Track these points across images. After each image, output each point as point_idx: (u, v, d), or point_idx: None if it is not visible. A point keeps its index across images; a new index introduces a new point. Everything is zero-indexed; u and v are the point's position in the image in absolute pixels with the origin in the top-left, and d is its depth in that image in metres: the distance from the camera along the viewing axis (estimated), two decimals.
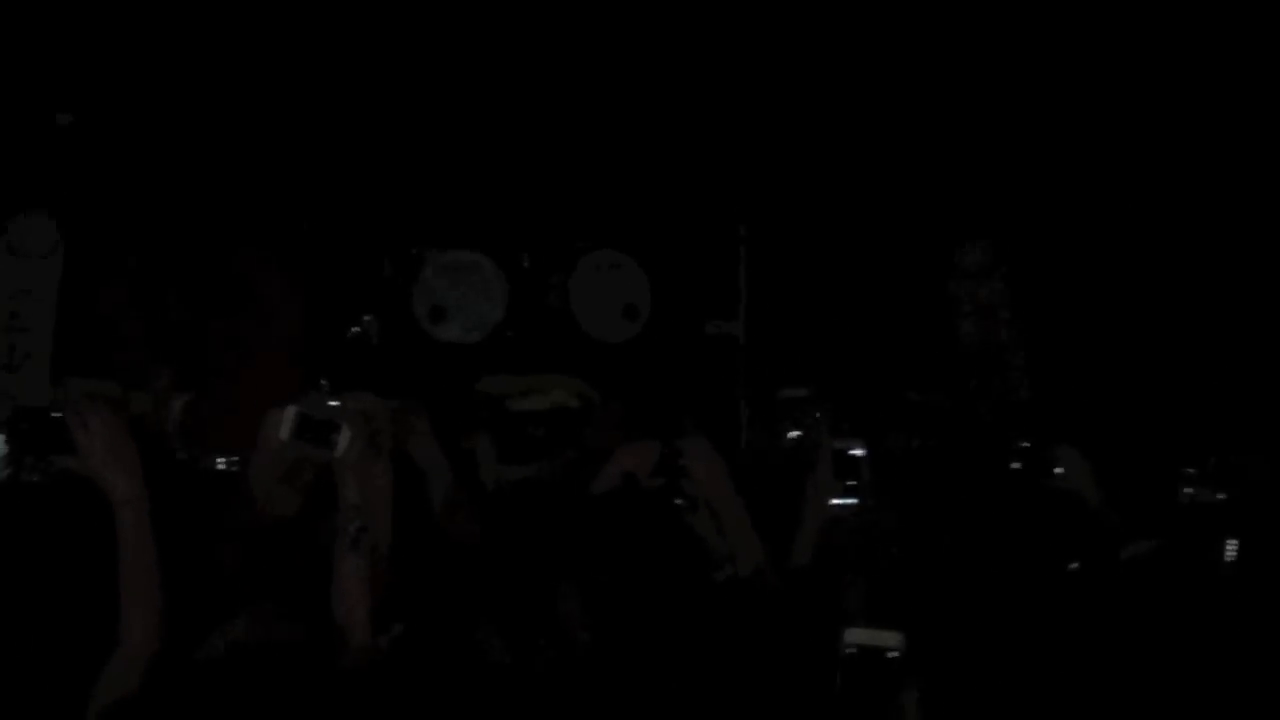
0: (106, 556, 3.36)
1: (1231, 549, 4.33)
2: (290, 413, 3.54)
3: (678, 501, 3.89)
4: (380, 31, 7.06)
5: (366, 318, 7.32)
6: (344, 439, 3.54)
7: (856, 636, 3.01)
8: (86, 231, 7.18)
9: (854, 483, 3.81)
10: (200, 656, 3.19)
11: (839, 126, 7.35)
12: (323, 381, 6.03)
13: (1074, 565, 4.20)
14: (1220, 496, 4.87)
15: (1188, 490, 5.07)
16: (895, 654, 2.96)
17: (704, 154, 7.45)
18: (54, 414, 3.23)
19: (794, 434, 5.40)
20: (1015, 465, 4.52)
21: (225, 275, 7.22)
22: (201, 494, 4.23)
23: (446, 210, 7.49)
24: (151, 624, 3.24)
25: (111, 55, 6.95)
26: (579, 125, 7.37)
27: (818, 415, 5.38)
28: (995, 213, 7.46)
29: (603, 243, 7.66)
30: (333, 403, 3.68)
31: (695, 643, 3.12)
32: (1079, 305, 7.33)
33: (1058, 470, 4.48)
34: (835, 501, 3.79)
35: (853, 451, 3.82)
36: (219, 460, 5.49)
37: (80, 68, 6.97)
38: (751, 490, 3.83)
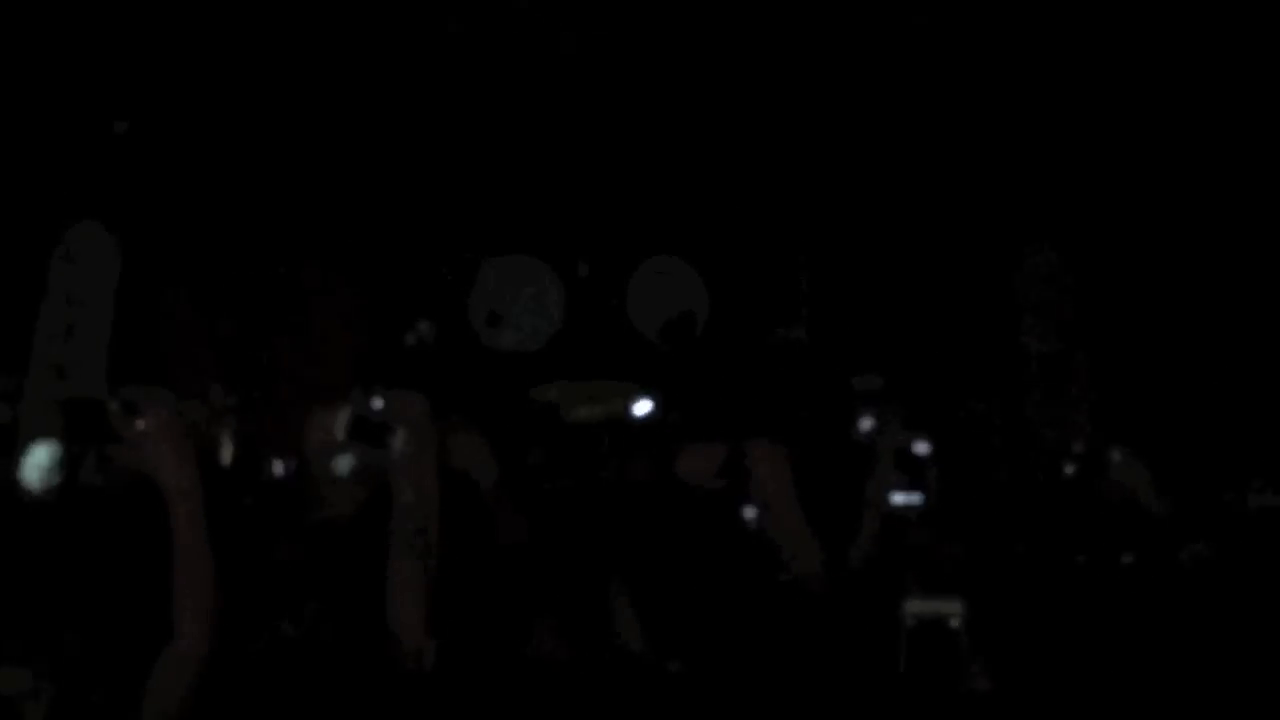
0: (163, 556, 3.35)
1: None
2: (345, 414, 3.55)
3: (742, 505, 3.86)
4: (438, 41, 7.04)
5: (423, 324, 7.23)
6: (399, 439, 3.54)
7: (917, 607, 2.98)
8: (143, 241, 7.14)
9: (918, 481, 3.73)
10: (251, 653, 3.17)
11: (901, 128, 7.32)
12: (377, 386, 6.00)
13: (1128, 560, 4.15)
14: None
15: (1252, 496, 5.02)
16: (957, 622, 2.91)
17: (763, 161, 7.40)
18: (108, 405, 3.24)
19: (867, 426, 5.33)
20: (1069, 470, 4.49)
21: (282, 282, 7.20)
22: (258, 496, 4.20)
23: (504, 216, 7.47)
24: (204, 622, 3.23)
25: (168, 62, 6.95)
26: (636, 130, 7.33)
27: (889, 411, 5.31)
28: (1061, 216, 7.39)
29: (661, 249, 7.58)
30: (385, 406, 3.66)
31: (757, 640, 3.08)
32: (1143, 311, 7.29)
33: (1114, 475, 4.43)
34: (898, 500, 3.72)
35: (916, 449, 3.74)
36: (276, 463, 5.48)
37: (137, 74, 6.97)
38: (814, 490, 3.78)
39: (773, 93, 7.29)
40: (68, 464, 3.62)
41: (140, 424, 3.23)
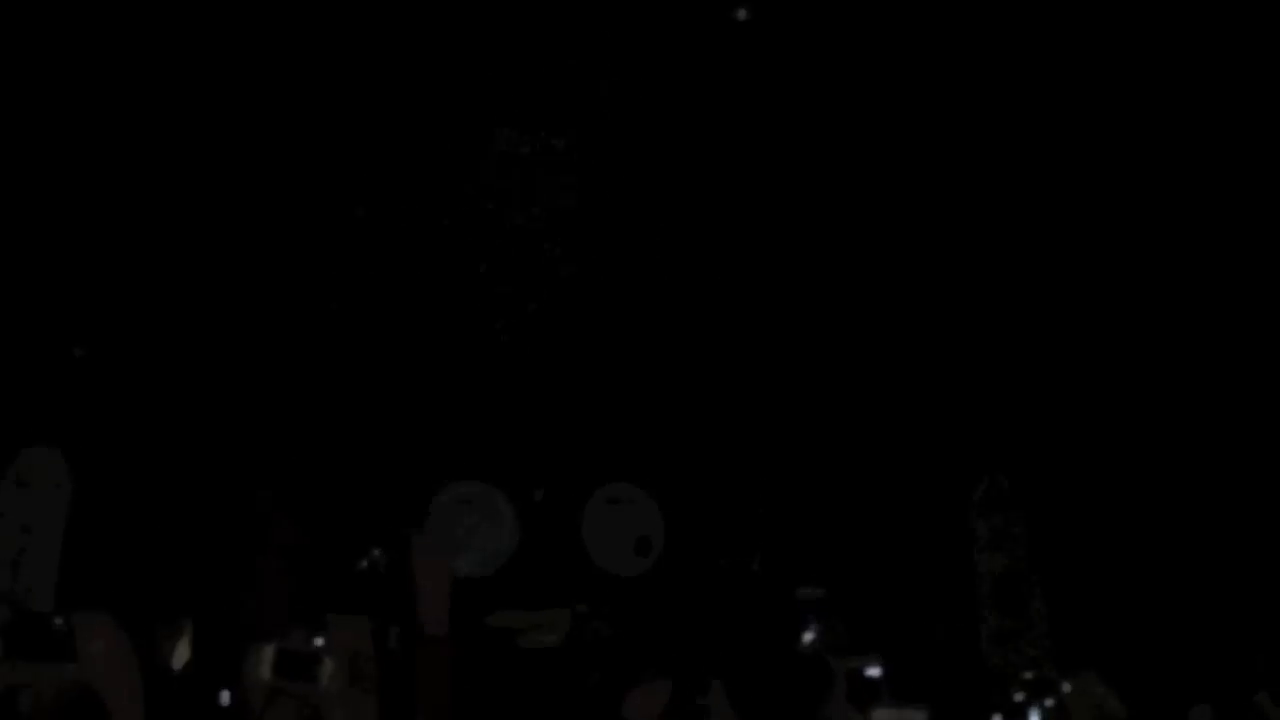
0: None
1: None
2: (269, 651, 3.55)
3: None
4: (389, 271, 7.10)
5: (375, 551, 7.18)
6: (327, 672, 3.50)
7: (884, 716, 2.97)
8: (95, 465, 7.09)
9: (871, 705, 3.70)
10: None
11: (859, 361, 7.33)
12: (316, 620, 5.96)
13: None
14: None
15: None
16: None
17: (722, 389, 7.41)
18: (56, 621, 3.21)
19: (810, 637, 5.25)
20: (1019, 697, 4.49)
21: (236, 511, 7.11)
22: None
23: (460, 442, 7.44)
24: None
25: (128, 291, 6.97)
26: (595, 359, 7.35)
27: (836, 624, 5.27)
28: (1012, 446, 7.41)
29: (616, 476, 7.55)
30: (318, 639, 3.64)
31: None
32: (1097, 538, 7.24)
33: (1057, 700, 4.43)
34: None
35: (870, 672, 3.71)
36: (222, 692, 5.41)
37: (96, 302, 6.97)
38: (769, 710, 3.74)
39: (729, 327, 7.32)
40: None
41: (86, 645, 3.13)
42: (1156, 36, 7.12)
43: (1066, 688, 4.39)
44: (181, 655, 6.20)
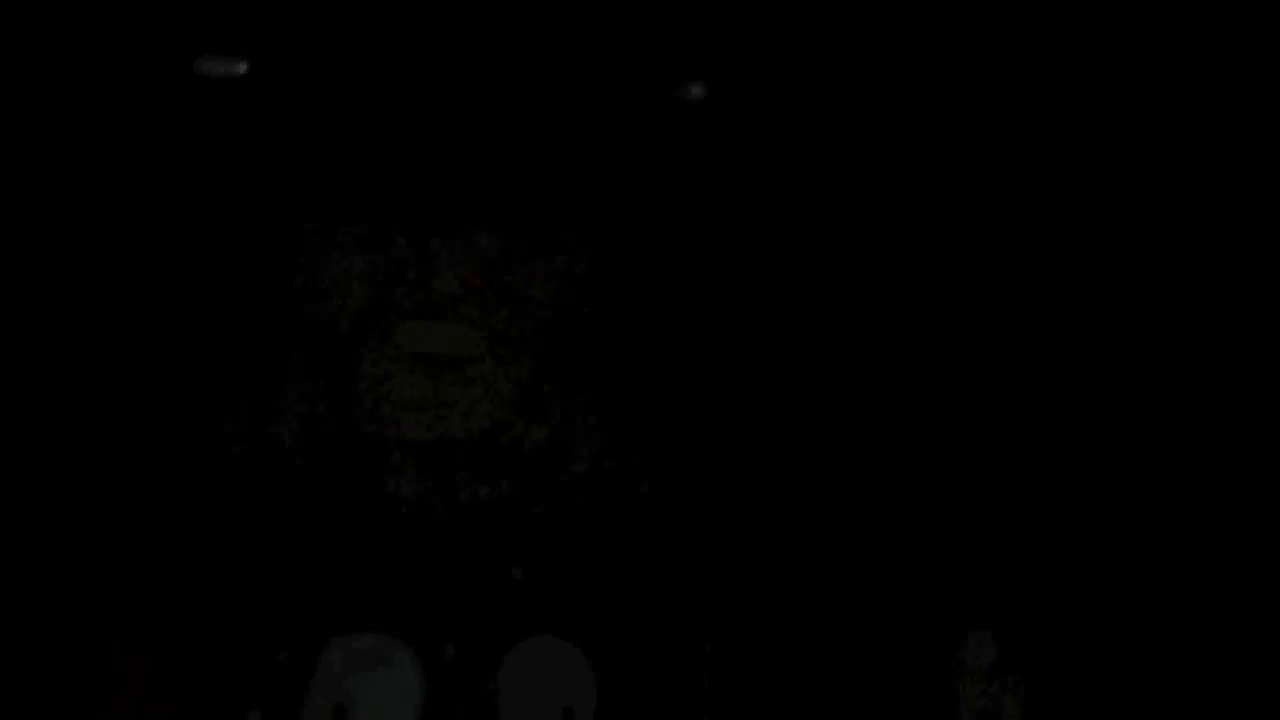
0: None
1: None
2: None
3: None
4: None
5: (253, 716, 6.29)
6: None
7: None
8: None
9: None
10: None
11: (827, 511, 6.65)
12: None
13: None
14: None
15: None
16: None
17: (661, 542, 6.68)
18: None
19: None
20: None
21: (88, 664, 6.18)
22: None
23: (356, 586, 6.52)
24: None
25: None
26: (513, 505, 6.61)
27: None
28: (1001, 604, 6.66)
29: (539, 629, 6.67)
30: None
31: None
32: (1097, 705, 6.56)
33: None
34: None
35: None
36: None
37: None
38: None
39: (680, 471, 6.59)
40: None
41: None
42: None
43: None
44: None
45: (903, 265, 6.77)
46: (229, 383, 6.55)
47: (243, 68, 6.23)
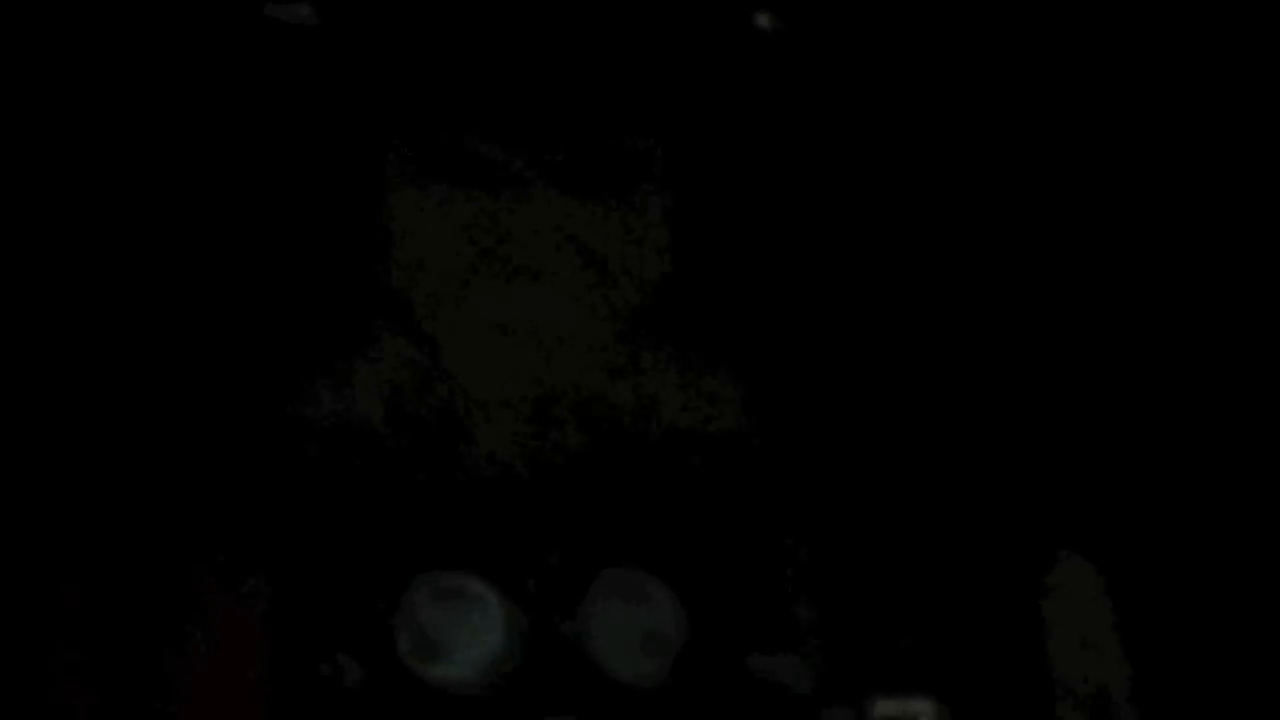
0: None
1: None
2: None
3: None
4: None
5: (340, 655, 6.34)
6: None
7: (886, 709, 2.82)
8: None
9: None
10: None
11: (908, 418, 6.59)
12: None
13: None
14: None
15: None
16: None
17: (742, 452, 6.66)
18: None
19: None
20: None
21: (171, 595, 6.22)
22: None
23: (440, 525, 6.56)
24: None
25: None
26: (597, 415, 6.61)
27: None
28: (1093, 526, 6.57)
29: (624, 561, 6.66)
30: None
31: None
32: (1192, 633, 6.47)
33: None
34: None
35: None
36: None
37: None
38: None
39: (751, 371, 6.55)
40: None
41: None
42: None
43: None
44: None
45: (987, 198, 6.72)
46: (309, 347, 6.62)
47: (306, 11, 6.26)
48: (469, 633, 6.53)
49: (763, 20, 6.59)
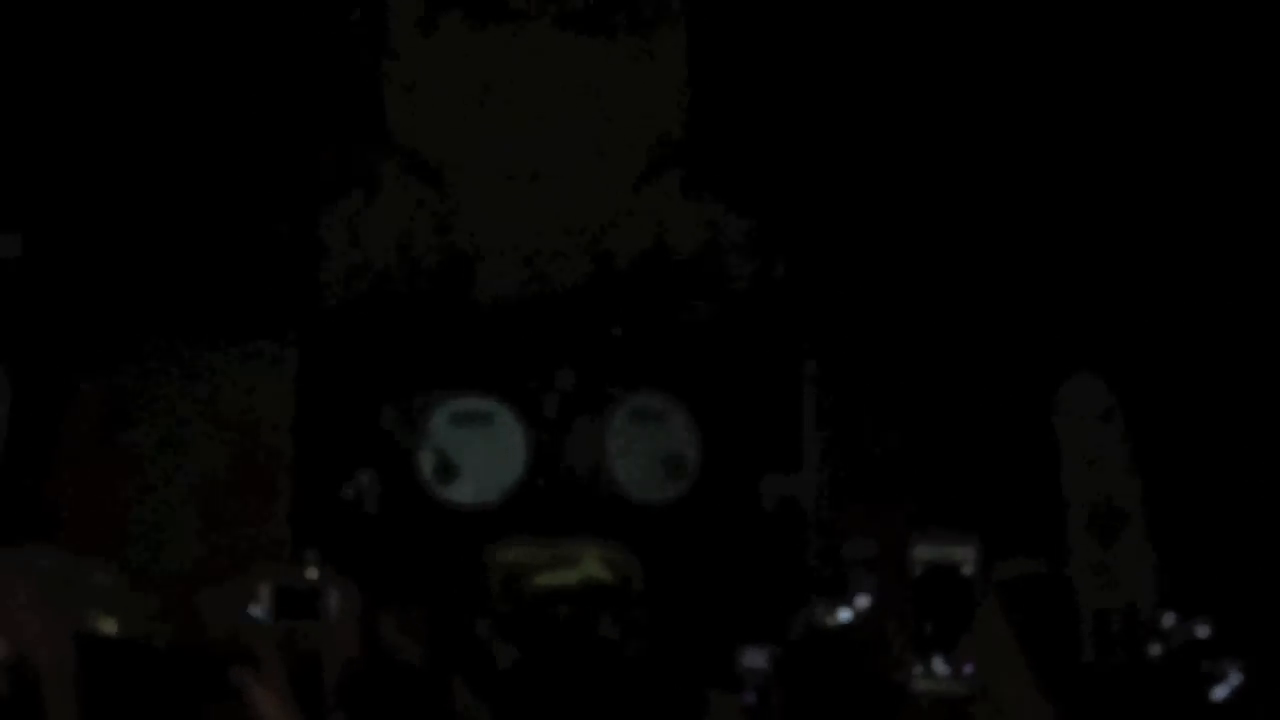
0: None
1: None
2: (266, 589, 3.39)
3: None
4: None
5: (363, 475, 6.47)
6: (334, 602, 3.39)
7: (926, 553, 2.60)
8: (35, 374, 6.26)
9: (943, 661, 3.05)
10: None
11: (920, 243, 6.59)
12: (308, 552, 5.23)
13: None
14: None
15: None
16: (969, 569, 2.52)
17: (760, 275, 6.70)
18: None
19: (864, 603, 4.57)
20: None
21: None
22: (176, 687, 3.87)
23: (457, 349, 6.66)
24: None
25: (63, 181, 6.24)
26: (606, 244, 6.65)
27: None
28: (1107, 348, 6.59)
29: (640, 385, 6.72)
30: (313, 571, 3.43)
31: None
32: (1208, 454, 6.50)
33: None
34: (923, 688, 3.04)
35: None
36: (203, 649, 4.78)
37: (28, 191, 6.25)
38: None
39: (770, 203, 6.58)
40: None
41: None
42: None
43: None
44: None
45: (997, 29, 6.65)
46: (322, 198, 6.67)
47: None
48: (488, 455, 6.66)
49: None
